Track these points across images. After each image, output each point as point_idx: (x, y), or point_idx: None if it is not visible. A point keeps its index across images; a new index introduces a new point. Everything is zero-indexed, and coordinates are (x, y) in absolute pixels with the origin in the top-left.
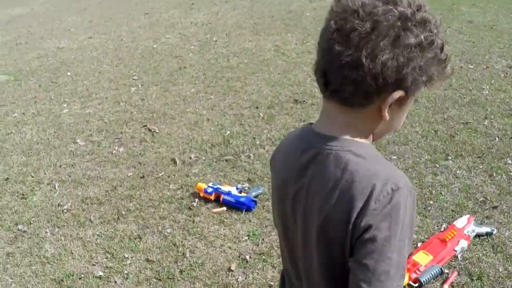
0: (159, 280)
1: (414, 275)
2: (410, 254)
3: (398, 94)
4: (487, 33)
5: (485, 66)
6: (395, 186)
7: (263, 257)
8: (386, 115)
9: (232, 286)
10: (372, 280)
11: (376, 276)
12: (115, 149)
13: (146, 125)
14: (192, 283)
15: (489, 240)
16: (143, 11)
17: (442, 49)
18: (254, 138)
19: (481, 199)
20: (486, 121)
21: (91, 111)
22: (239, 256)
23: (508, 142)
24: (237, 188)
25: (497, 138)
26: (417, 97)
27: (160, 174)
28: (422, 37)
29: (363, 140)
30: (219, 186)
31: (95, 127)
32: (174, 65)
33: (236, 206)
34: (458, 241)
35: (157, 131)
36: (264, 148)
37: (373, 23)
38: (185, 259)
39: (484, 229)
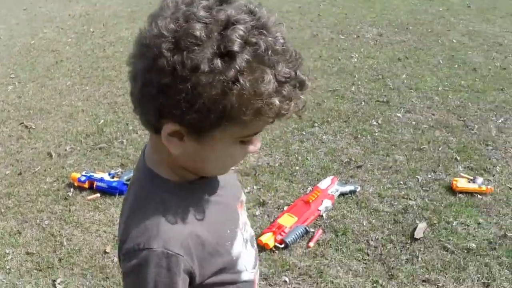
0: (40, 270)
1: (279, 237)
2: (276, 218)
3: (170, 127)
4: (360, 5)
5: (356, 36)
6: (147, 245)
7: None
8: (171, 148)
9: (108, 267)
10: None
11: None
12: None
13: (22, 122)
14: (71, 269)
15: (354, 197)
16: (21, 7)
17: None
18: (127, 124)
19: (346, 160)
20: (353, 87)
21: None
22: (113, 239)
23: (374, 105)
24: (109, 174)
25: (363, 103)
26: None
27: (37, 169)
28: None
29: (165, 173)
30: (92, 173)
31: None
32: (51, 60)
33: (109, 191)
34: (322, 201)
35: (34, 127)
36: (137, 133)
37: None
38: (63, 248)
39: (348, 188)
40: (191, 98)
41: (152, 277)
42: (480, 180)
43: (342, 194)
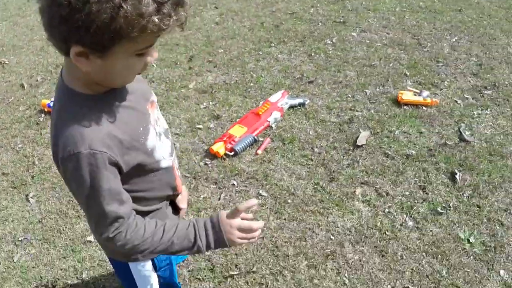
0: (14, 188)
1: (229, 146)
2: (227, 129)
3: (77, 48)
4: None
5: None
6: (76, 150)
7: None
8: (81, 66)
9: None
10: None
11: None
12: None
13: None
14: (42, 185)
15: (303, 109)
16: None
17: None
18: None
19: (298, 76)
20: (312, 9)
21: None
22: None
23: (330, 25)
24: None
25: (320, 23)
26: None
27: (11, 100)
28: None
29: (80, 87)
30: None
31: None
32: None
33: None
34: (271, 113)
35: (7, 62)
36: None
37: None
38: (35, 167)
39: (297, 101)
40: (87, 24)
41: (87, 175)
42: (426, 93)
43: (292, 107)
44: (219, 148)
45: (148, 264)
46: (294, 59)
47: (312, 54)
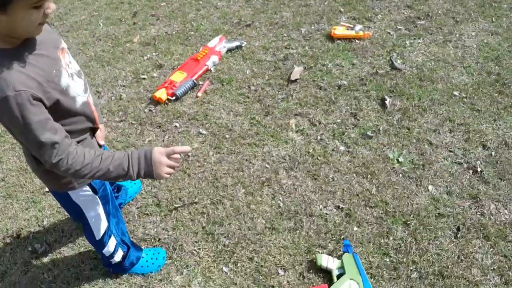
0: None
1: (170, 91)
2: (168, 76)
3: None
4: None
5: None
6: (4, 94)
7: None
8: None
9: None
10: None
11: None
12: None
13: None
14: (2, 146)
15: (240, 52)
16: None
17: None
18: None
19: (236, 21)
20: None
21: None
22: None
23: None
24: None
25: None
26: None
27: None
28: None
29: None
30: None
31: None
32: None
33: None
34: (210, 57)
35: None
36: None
37: None
38: None
39: (235, 44)
40: None
41: (18, 113)
42: (358, 27)
43: (230, 50)
44: (162, 94)
45: (86, 188)
46: (233, 5)
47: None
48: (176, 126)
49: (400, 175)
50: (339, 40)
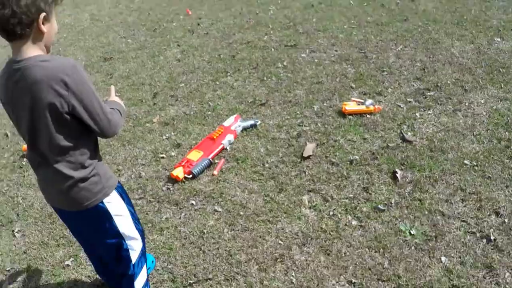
0: (2, 225)
1: (187, 169)
2: (185, 155)
3: (43, 15)
4: None
5: None
6: (71, 63)
7: None
8: (44, 29)
9: (54, 213)
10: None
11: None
12: None
13: None
14: (26, 220)
15: (255, 130)
16: None
17: None
18: None
19: (251, 100)
20: (266, 37)
21: None
22: None
23: (282, 49)
24: None
25: (273, 49)
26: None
27: None
28: None
29: (41, 52)
30: None
31: None
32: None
33: None
34: (225, 136)
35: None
36: None
37: None
38: (19, 205)
39: (249, 123)
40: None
41: (86, 78)
42: (369, 101)
43: (245, 129)
44: (179, 172)
45: (114, 193)
46: (248, 85)
47: (265, 79)
48: (192, 203)
49: (413, 247)
50: (351, 115)
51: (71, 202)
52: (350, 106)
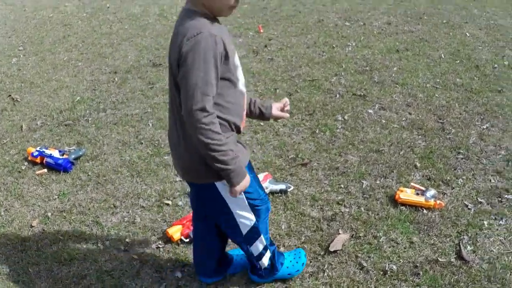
0: None
1: (186, 231)
2: (189, 213)
3: None
4: None
5: (362, 23)
6: (199, 31)
7: (64, 214)
8: None
9: (29, 240)
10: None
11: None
12: None
13: (10, 95)
14: None
15: (284, 197)
16: None
17: None
18: (99, 103)
19: (292, 156)
20: (335, 78)
21: None
22: (44, 213)
23: (348, 98)
24: (59, 151)
25: (337, 95)
26: None
27: (5, 141)
28: None
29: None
30: (44, 149)
31: None
32: (60, 34)
33: (55, 167)
34: None
35: (19, 99)
36: (105, 112)
37: None
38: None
39: (279, 187)
40: None
41: (203, 48)
42: (431, 192)
43: (273, 193)
44: (175, 232)
45: None
46: (296, 135)
47: (317, 131)
48: (177, 276)
49: None
50: (404, 205)
51: None
52: (407, 194)
